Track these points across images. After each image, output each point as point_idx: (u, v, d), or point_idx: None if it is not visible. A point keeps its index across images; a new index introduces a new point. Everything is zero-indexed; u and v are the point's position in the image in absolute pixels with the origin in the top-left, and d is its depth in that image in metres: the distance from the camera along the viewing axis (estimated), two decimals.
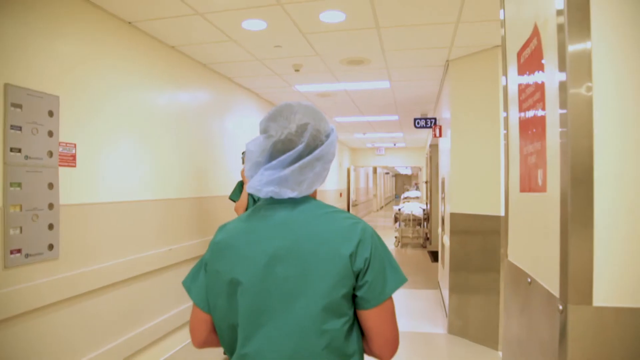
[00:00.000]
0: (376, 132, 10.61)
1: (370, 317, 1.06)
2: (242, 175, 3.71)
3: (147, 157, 3.63)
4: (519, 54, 1.40)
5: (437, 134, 5.64)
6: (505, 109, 1.61)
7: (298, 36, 3.76)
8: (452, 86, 4.52)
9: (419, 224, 11.51)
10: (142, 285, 3.51)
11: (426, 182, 12.16)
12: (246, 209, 3.81)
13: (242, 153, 3.85)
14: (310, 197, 1.16)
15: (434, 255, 8.84)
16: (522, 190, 1.35)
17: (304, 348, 1.01)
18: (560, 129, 1.01)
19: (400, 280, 1.09)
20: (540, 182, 1.16)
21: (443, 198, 5.52)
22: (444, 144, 5.45)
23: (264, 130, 1.13)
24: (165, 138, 3.89)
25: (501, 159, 3.99)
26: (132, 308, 3.39)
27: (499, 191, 3.99)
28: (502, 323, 1.59)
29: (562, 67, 1.00)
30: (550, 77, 1.09)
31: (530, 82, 1.25)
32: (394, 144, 13.46)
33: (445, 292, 5.08)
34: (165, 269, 3.82)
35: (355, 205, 15.36)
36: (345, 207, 14.03)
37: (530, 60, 1.26)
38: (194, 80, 4.43)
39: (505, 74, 1.63)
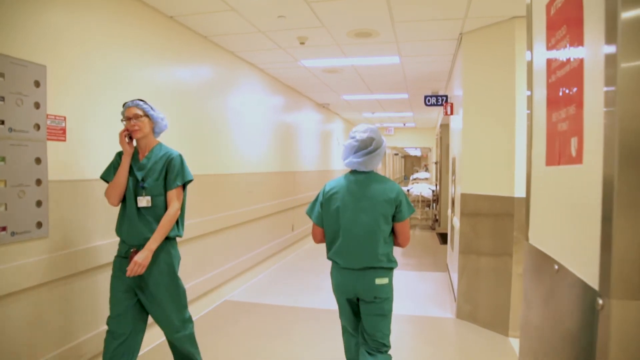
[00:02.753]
0: (385, 111, 10.35)
1: (398, 225, 2.39)
2: (122, 142, 2.54)
3: None
4: (548, 6, 1.21)
5: (449, 112, 5.40)
6: (530, 86, 1.42)
7: (302, 5, 3.54)
8: (465, 61, 4.28)
9: (428, 206, 11.34)
10: None
11: (436, 163, 11.92)
12: (125, 192, 2.54)
13: (123, 106, 2.59)
14: (374, 171, 2.43)
15: (443, 237, 8.69)
16: (549, 163, 1.17)
17: (370, 236, 2.32)
18: (604, 109, 0.83)
19: (412, 211, 2.40)
20: (574, 152, 0.98)
21: (453, 179, 5.32)
22: (456, 122, 5.23)
23: (353, 137, 2.38)
24: (164, 112, 3.72)
25: (516, 132, 3.78)
26: None
27: (513, 171, 3.80)
28: (521, 311, 1.43)
29: (611, 37, 0.80)
30: (592, 33, 0.90)
31: (564, 33, 1.05)
32: (404, 124, 13.17)
33: (454, 276, 4.93)
34: None
35: None
36: None
37: (564, 9, 1.07)
38: (194, 54, 4.24)
39: (530, 47, 1.43)
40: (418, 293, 5.15)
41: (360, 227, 2.33)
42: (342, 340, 2.66)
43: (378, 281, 2.32)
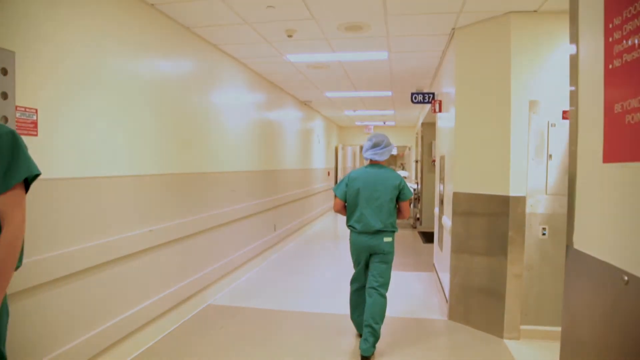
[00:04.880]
0: (367, 109, 10.25)
1: (401, 204, 3.48)
2: None
3: (123, 128, 3.23)
4: None
5: (437, 110, 5.32)
6: (574, 81, 1.30)
7: None
8: (458, 57, 4.18)
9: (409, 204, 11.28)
10: (118, 271, 3.16)
11: (416, 162, 11.90)
12: None
13: None
14: (385, 166, 3.54)
15: (426, 236, 8.64)
16: (610, 160, 1.03)
17: (380, 210, 3.38)
18: None
19: (411, 194, 3.49)
20: None
21: (442, 177, 5.24)
22: (445, 120, 5.14)
23: (370, 140, 3.50)
24: (143, 108, 3.49)
25: (511, 129, 3.69)
26: (106, 297, 3.04)
27: (508, 169, 3.71)
28: (563, 321, 1.30)
29: None
30: None
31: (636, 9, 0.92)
32: (384, 122, 13.11)
33: (444, 276, 4.84)
34: (144, 252, 3.46)
35: None
36: (333, 185, 13.72)
37: None
38: (176, 46, 4.00)
39: (575, 39, 1.30)
40: (406, 294, 5.04)
41: (373, 203, 3.40)
42: (350, 299, 3.70)
43: (385, 239, 3.41)
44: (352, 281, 3.68)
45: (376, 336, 3.33)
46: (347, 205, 3.51)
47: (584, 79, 1.20)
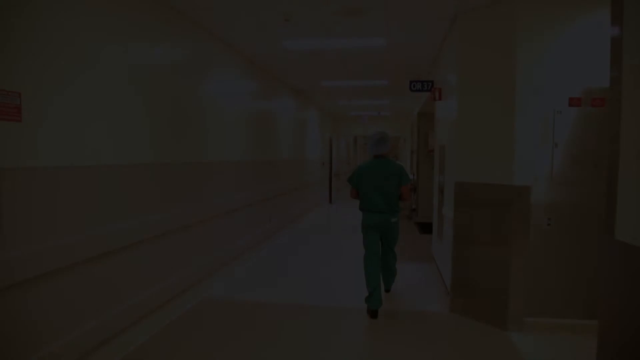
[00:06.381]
0: (362, 99, 10.11)
1: (402, 187, 4.19)
2: None
3: (113, 115, 3.07)
4: None
5: (437, 98, 5.20)
6: (616, 64, 1.18)
7: None
8: (461, 42, 4.04)
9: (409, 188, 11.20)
10: (109, 265, 3.01)
11: (412, 152, 11.79)
12: None
13: None
14: (388, 158, 4.31)
15: (422, 227, 8.56)
16: None
17: (386, 194, 4.14)
18: None
19: (410, 179, 4.27)
20: None
21: (442, 167, 5.13)
22: (445, 109, 5.02)
23: (372, 139, 4.32)
24: (134, 94, 3.33)
25: (516, 118, 3.58)
26: (97, 292, 2.91)
27: (512, 158, 3.62)
28: (601, 317, 1.20)
29: None
30: None
31: None
32: (379, 113, 12.98)
33: (444, 267, 4.76)
34: (136, 244, 3.31)
35: (337, 174, 14.94)
36: (327, 177, 13.60)
37: None
38: (169, 31, 3.82)
39: (619, 20, 1.18)
40: (406, 286, 4.93)
41: (380, 189, 4.11)
42: (365, 272, 4.13)
43: (392, 220, 4.17)
44: (369, 254, 4.19)
45: (393, 275, 4.54)
46: (360, 191, 4.23)
47: (630, 60, 1.08)
